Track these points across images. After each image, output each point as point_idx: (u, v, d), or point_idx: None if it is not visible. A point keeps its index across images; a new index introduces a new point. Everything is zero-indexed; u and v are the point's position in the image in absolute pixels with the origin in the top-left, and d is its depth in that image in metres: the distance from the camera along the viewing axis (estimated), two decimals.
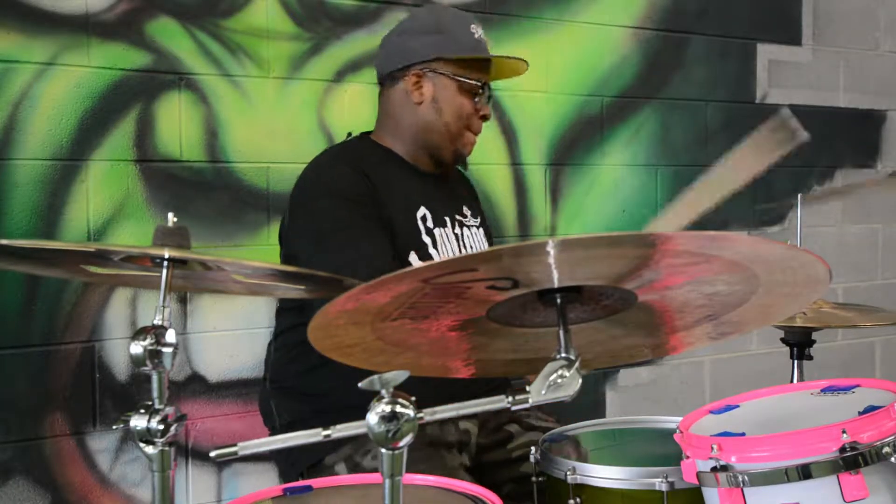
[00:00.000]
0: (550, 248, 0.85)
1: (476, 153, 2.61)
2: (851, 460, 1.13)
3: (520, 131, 2.70)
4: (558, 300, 1.04)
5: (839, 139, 3.30)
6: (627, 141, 2.89)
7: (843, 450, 1.13)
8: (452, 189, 2.00)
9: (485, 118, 1.93)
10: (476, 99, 1.90)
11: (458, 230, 1.91)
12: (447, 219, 1.90)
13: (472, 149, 1.97)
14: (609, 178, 2.87)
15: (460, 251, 1.88)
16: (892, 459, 1.13)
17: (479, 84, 1.89)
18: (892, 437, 1.15)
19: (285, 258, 1.91)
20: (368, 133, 2.00)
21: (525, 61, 1.96)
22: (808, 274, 0.97)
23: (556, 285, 1.01)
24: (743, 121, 3.08)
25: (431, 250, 1.82)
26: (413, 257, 1.79)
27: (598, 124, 2.83)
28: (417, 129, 1.91)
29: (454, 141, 1.90)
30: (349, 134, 2.04)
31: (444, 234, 1.87)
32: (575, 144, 2.80)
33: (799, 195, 1.63)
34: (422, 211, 1.86)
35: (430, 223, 1.85)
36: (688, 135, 2.99)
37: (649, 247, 0.89)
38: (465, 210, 1.98)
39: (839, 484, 1.13)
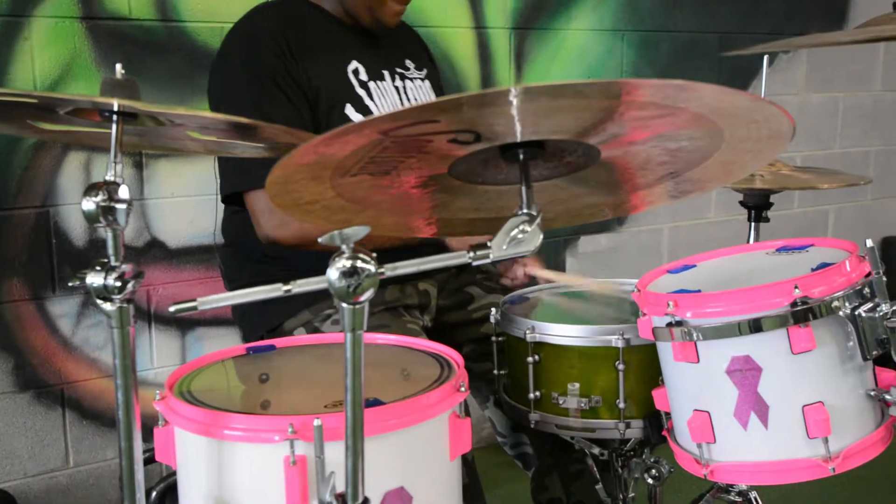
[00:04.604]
0: (513, 97, 0.82)
1: (438, 15, 2.55)
2: (801, 314, 1.16)
3: None
4: (521, 156, 1.03)
5: (807, 4, 3.26)
6: (594, 5, 2.82)
7: (794, 304, 1.16)
8: (391, 41, 1.93)
9: None
10: None
11: (399, 83, 1.87)
12: (385, 72, 1.86)
13: (398, 18, 1.86)
14: (575, 44, 2.81)
15: (402, 104, 1.84)
16: (841, 313, 1.17)
17: None
18: (843, 292, 1.18)
19: None
20: None
21: None
22: (772, 128, 0.97)
23: (518, 139, 0.99)
24: None
25: (367, 102, 1.79)
26: (349, 110, 1.76)
27: None
28: None
29: (372, 11, 1.82)
30: None
31: (381, 88, 1.82)
32: (540, 8, 2.73)
33: (765, 56, 1.61)
34: (353, 65, 1.81)
35: (363, 76, 1.81)
36: None
37: (615, 97, 0.87)
38: (408, 63, 1.93)
39: (788, 336, 1.17)
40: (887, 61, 3.54)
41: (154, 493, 1.47)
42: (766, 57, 1.62)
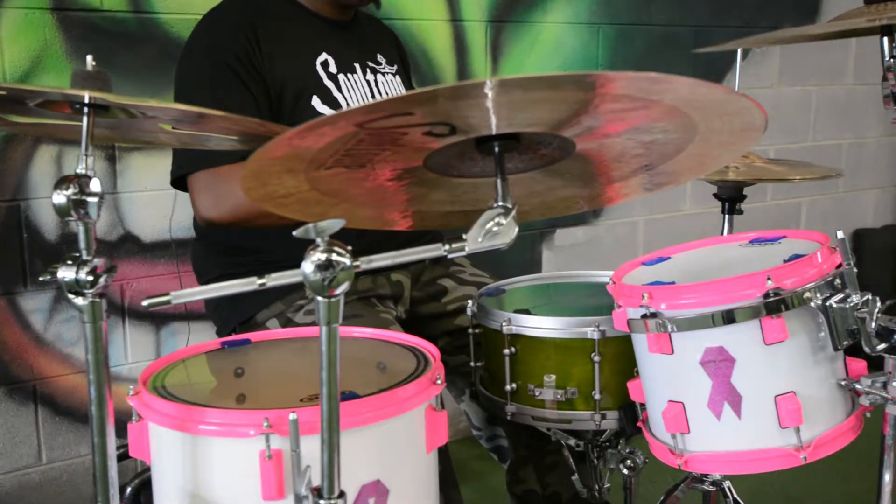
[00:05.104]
0: (488, 90, 0.82)
1: (414, 8, 2.54)
2: (774, 305, 1.17)
3: None
4: (496, 148, 1.03)
5: None
6: None
7: (766, 295, 1.17)
8: (364, 35, 1.93)
9: None
10: None
11: (370, 76, 1.87)
12: (356, 65, 1.86)
13: None
14: (550, 37, 2.82)
15: (373, 97, 1.84)
16: (813, 304, 1.18)
17: None
18: (814, 283, 1.19)
19: None
20: None
21: None
22: (745, 121, 0.98)
23: (493, 132, 0.99)
24: None
25: (336, 94, 1.78)
26: (316, 101, 1.76)
27: None
28: None
29: None
30: None
31: (351, 80, 1.82)
32: (516, 0, 2.73)
33: (738, 49, 1.62)
34: (322, 56, 1.80)
35: (332, 68, 1.80)
36: None
37: (589, 90, 0.87)
38: (380, 57, 1.93)
39: (761, 327, 1.18)
40: (859, 55, 3.58)
41: (128, 490, 1.46)
42: (739, 51, 1.63)
